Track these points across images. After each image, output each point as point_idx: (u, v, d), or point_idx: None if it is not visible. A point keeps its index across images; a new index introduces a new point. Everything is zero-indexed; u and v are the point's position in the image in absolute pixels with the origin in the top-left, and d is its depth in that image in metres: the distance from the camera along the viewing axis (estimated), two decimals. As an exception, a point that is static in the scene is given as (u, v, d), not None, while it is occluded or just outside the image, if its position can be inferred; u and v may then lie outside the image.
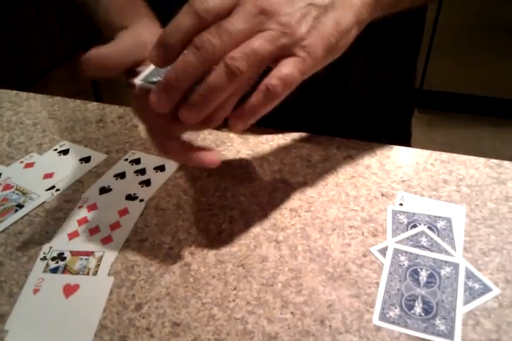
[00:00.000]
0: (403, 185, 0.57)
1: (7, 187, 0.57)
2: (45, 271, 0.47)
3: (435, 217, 0.52)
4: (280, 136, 0.65)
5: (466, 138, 2.30)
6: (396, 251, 0.48)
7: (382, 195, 0.55)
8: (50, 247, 0.50)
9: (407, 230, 0.50)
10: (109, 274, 0.47)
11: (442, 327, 0.41)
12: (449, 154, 0.61)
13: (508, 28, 2.14)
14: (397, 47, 0.71)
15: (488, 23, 2.15)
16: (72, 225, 0.52)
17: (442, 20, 2.18)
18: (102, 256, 0.49)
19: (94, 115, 0.70)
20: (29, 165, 0.61)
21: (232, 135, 0.66)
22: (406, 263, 0.46)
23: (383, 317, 0.42)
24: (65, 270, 0.47)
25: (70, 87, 1.59)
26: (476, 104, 2.42)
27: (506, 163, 0.60)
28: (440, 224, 0.51)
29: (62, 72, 1.55)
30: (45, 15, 1.44)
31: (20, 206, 0.55)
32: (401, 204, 0.54)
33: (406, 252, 0.47)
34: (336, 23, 0.39)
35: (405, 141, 0.85)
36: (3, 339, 0.42)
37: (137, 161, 0.61)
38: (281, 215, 0.53)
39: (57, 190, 0.57)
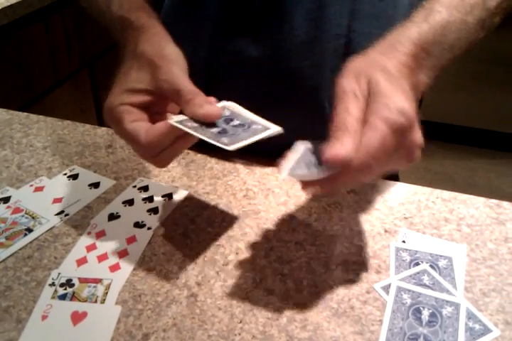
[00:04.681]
0: (405, 222, 0.58)
1: (17, 210, 0.58)
2: (53, 298, 0.48)
3: (437, 255, 0.53)
4: (286, 168, 0.66)
5: (461, 168, 2.33)
6: (399, 289, 0.49)
7: (385, 231, 0.57)
8: (59, 273, 0.50)
9: (409, 268, 0.52)
10: (116, 302, 0.48)
11: (444, 367, 0.42)
12: (449, 192, 0.63)
13: (505, 60, 2.19)
14: None
15: (485, 56, 2.20)
16: (80, 251, 0.53)
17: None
18: (109, 284, 0.49)
19: (103, 140, 0.72)
20: (39, 188, 0.62)
21: (238, 165, 0.67)
22: (409, 301, 0.48)
23: (386, 355, 0.43)
24: (73, 297, 0.48)
25: (73, 105, 1.60)
26: (471, 135, 2.46)
27: (505, 203, 0.61)
28: (442, 263, 0.52)
29: (66, 91, 1.56)
30: (53, 35, 1.46)
31: (29, 230, 0.56)
32: (404, 241, 0.55)
33: (409, 290, 0.49)
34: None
35: (394, 175, 0.86)
36: (10, 366, 0.43)
37: (145, 188, 0.63)
38: (287, 248, 0.54)
39: (66, 214, 0.58)
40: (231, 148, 0.42)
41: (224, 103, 0.48)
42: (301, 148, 0.43)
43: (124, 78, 0.49)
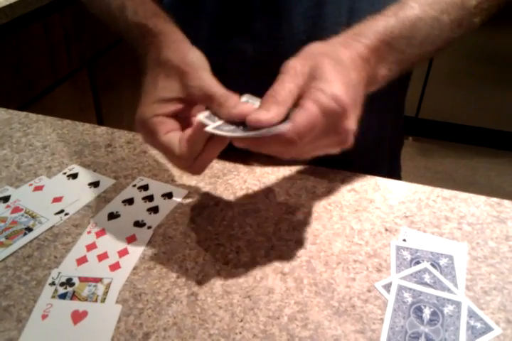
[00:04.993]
0: (406, 220, 0.58)
1: (16, 209, 0.58)
2: (53, 297, 0.48)
3: (438, 254, 0.53)
4: (286, 167, 0.66)
5: (461, 167, 2.33)
6: (400, 288, 0.49)
7: (386, 229, 0.57)
8: (59, 272, 0.50)
9: (410, 266, 0.51)
10: (117, 302, 0.48)
11: (445, 366, 0.42)
12: (450, 191, 0.63)
13: (504, 58, 2.19)
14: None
15: (484, 54, 2.20)
16: (80, 250, 0.53)
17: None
18: (110, 283, 0.49)
19: (103, 139, 0.72)
20: (38, 188, 0.62)
21: (238, 165, 0.67)
22: (410, 300, 0.47)
23: (387, 353, 0.43)
24: (74, 296, 0.48)
25: (73, 104, 1.60)
26: (471, 134, 2.46)
27: (506, 202, 0.61)
28: (443, 262, 0.52)
29: (66, 90, 1.56)
30: (52, 34, 1.46)
31: (29, 229, 0.55)
32: (404, 240, 0.55)
33: (410, 289, 0.48)
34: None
35: (397, 174, 0.86)
36: (10, 365, 0.42)
37: (145, 187, 0.62)
38: (287, 247, 0.54)
39: (66, 214, 0.58)
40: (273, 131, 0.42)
41: (247, 96, 0.48)
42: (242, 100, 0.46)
43: (153, 87, 0.49)
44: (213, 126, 0.44)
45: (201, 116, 0.45)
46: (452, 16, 0.52)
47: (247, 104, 0.45)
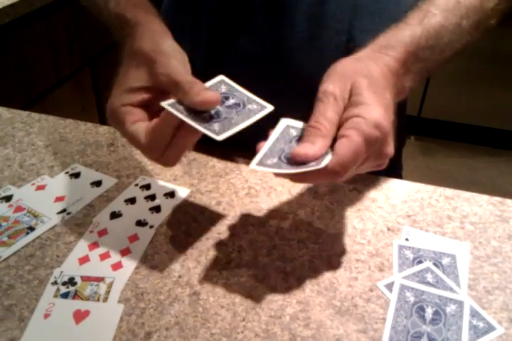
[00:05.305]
0: (408, 219, 0.58)
1: (19, 209, 0.58)
2: (55, 296, 0.48)
3: (440, 253, 0.53)
4: (288, 166, 0.66)
5: (462, 166, 2.33)
6: (402, 287, 0.48)
7: (388, 229, 0.57)
8: (61, 272, 0.50)
9: (412, 265, 0.51)
10: (119, 301, 0.48)
11: (447, 366, 0.42)
12: (452, 190, 0.63)
13: (507, 58, 2.18)
14: None
15: (487, 53, 2.19)
16: (82, 250, 0.53)
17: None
18: (112, 283, 0.49)
19: (105, 139, 0.72)
20: (41, 187, 0.62)
21: (240, 164, 0.67)
22: (412, 299, 0.47)
23: (389, 353, 0.43)
24: (76, 295, 0.48)
25: (75, 104, 1.60)
26: (473, 133, 2.46)
27: (509, 201, 0.61)
28: (445, 261, 0.52)
29: (68, 90, 1.56)
30: (54, 34, 1.46)
31: (31, 229, 0.55)
32: (407, 239, 0.55)
33: (412, 288, 0.48)
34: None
35: (399, 174, 0.86)
36: (12, 364, 0.43)
37: (147, 187, 0.62)
38: (289, 246, 0.54)
39: (68, 213, 0.58)
40: (220, 137, 0.42)
41: (221, 77, 0.47)
42: (282, 126, 0.45)
43: (123, 78, 0.49)
44: (169, 102, 0.44)
45: (164, 103, 0.44)
46: (471, 20, 0.52)
47: (211, 92, 0.44)
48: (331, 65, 0.46)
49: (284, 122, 0.45)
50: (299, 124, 0.45)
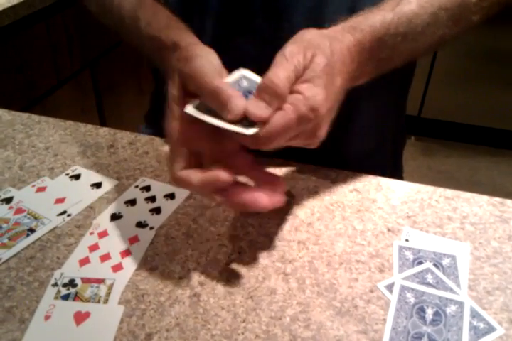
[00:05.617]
0: (409, 220, 0.58)
1: (19, 211, 0.58)
2: (56, 298, 0.48)
3: (440, 254, 0.53)
4: (288, 167, 0.66)
5: (463, 167, 2.33)
6: (402, 288, 0.49)
7: (389, 230, 0.57)
8: (62, 273, 0.50)
9: (412, 266, 0.51)
10: (119, 302, 0.48)
11: (448, 366, 0.42)
12: (452, 191, 0.63)
13: (508, 57, 2.18)
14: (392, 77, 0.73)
15: (486, 53, 2.19)
16: (83, 251, 0.53)
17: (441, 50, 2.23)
18: (112, 284, 0.49)
19: (105, 140, 0.72)
20: (41, 189, 0.62)
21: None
22: (412, 300, 0.47)
23: (390, 354, 0.43)
24: (76, 297, 0.48)
25: (75, 106, 1.61)
26: (473, 133, 2.46)
27: (509, 201, 0.61)
28: (445, 262, 0.52)
29: (68, 91, 1.56)
30: (54, 35, 1.46)
31: (32, 230, 0.56)
32: (407, 240, 0.55)
33: (412, 289, 0.48)
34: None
35: (399, 174, 0.86)
36: (13, 366, 0.43)
37: (147, 188, 0.62)
38: (289, 247, 0.54)
39: (68, 215, 0.58)
40: (250, 132, 0.42)
41: (241, 73, 0.46)
42: (236, 75, 0.46)
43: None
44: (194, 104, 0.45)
45: (189, 108, 0.44)
46: (450, 13, 0.52)
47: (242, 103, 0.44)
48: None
49: (241, 72, 0.46)
50: (255, 77, 0.45)
